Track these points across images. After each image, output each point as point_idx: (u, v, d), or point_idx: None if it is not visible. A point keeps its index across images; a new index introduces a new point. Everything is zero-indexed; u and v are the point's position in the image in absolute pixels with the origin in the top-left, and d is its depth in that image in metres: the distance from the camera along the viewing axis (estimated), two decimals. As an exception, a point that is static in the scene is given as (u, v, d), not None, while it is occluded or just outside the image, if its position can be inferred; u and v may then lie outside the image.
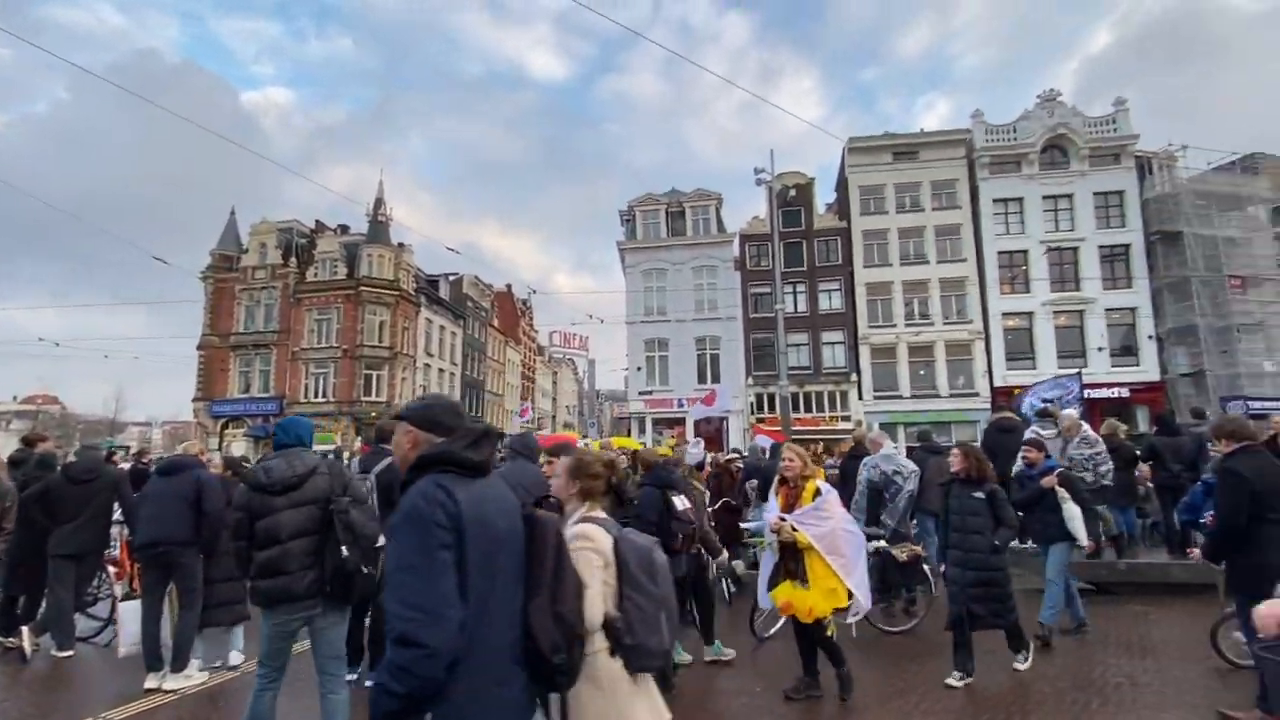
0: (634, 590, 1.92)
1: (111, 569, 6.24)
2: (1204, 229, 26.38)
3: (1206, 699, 4.19)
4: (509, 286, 59.71)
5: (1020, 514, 5.43)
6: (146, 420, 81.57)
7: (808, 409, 28.70)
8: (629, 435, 30.65)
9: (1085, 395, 15.97)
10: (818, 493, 4.18)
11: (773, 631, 5.53)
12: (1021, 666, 4.75)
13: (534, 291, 54.24)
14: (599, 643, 1.87)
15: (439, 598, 1.48)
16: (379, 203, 34.82)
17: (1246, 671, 4.15)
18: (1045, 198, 28.40)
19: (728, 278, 30.25)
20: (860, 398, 28.45)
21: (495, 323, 52.50)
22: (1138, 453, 8.34)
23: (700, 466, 6.17)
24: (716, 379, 28.49)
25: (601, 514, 2.18)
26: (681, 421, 29.25)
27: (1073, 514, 5.24)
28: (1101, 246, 27.83)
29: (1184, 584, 6.85)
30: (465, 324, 44.17)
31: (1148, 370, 26.80)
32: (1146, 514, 9.09)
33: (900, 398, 28.32)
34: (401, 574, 1.51)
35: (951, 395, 27.88)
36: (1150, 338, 27.05)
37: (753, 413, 28.84)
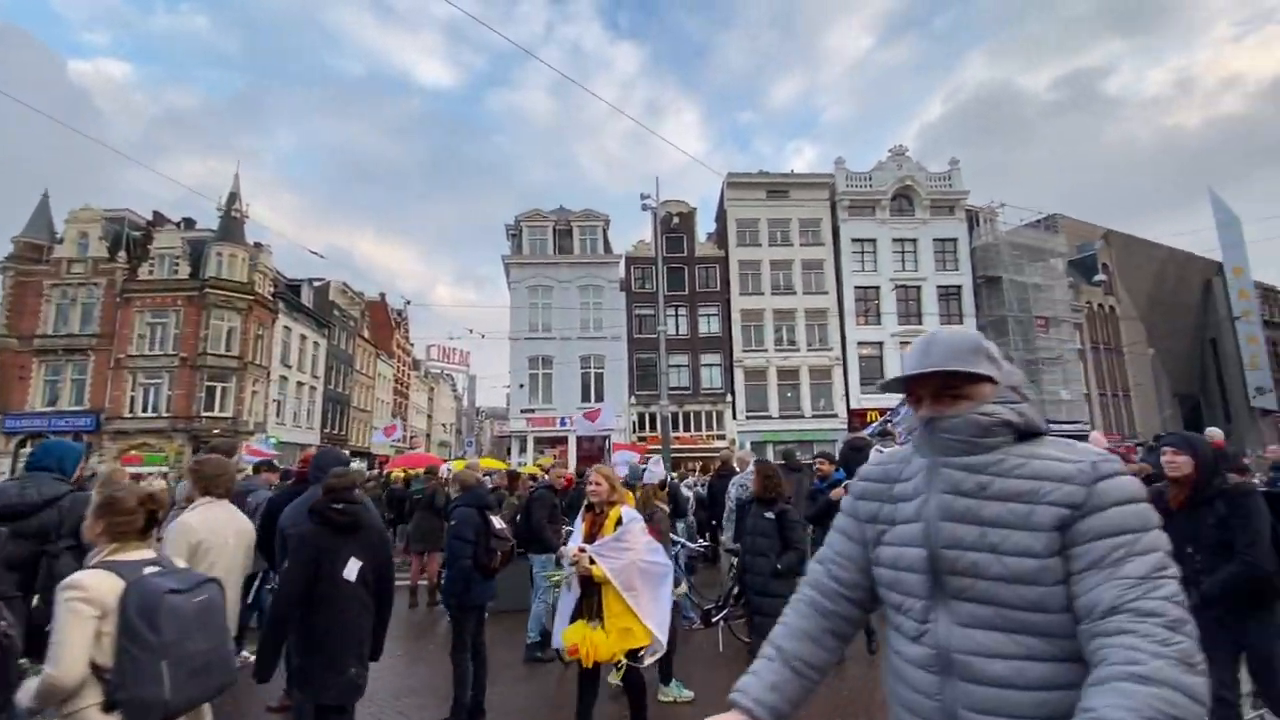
0: (129, 640, 1.87)
1: None
2: (1018, 276, 30.89)
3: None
4: (383, 296, 56.44)
5: (814, 528, 5.53)
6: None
7: (686, 428, 29.68)
8: (509, 454, 29.94)
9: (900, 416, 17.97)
10: (620, 521, 3.74)
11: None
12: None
13: (408, 302, 51.70)
14: (89, 697, 1.84)
15: None
16: (233, 197, 31.48)
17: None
18: (894, 240, 31.85)
19: (613, 298, 30.72)
20: (734, 417, 29.91)
21: (365, 334, 49.22)
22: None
23: (663, 485, 6.08)
24: (600, 398, 28.67)
25: (136, 555, 2.06)
26: (564, 440, 29.06)
27: None
28: (939, 286, 31.64)
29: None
30: (331, 334, 40.97)
31: (974, 396, 30.69)
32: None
33: (770, 418, 30.13)
34: None
35: (814, 416, 30.13)
36: (976, 368, 31.02)
37: (634, 431, 29.32)
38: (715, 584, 8.28)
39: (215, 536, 3.20)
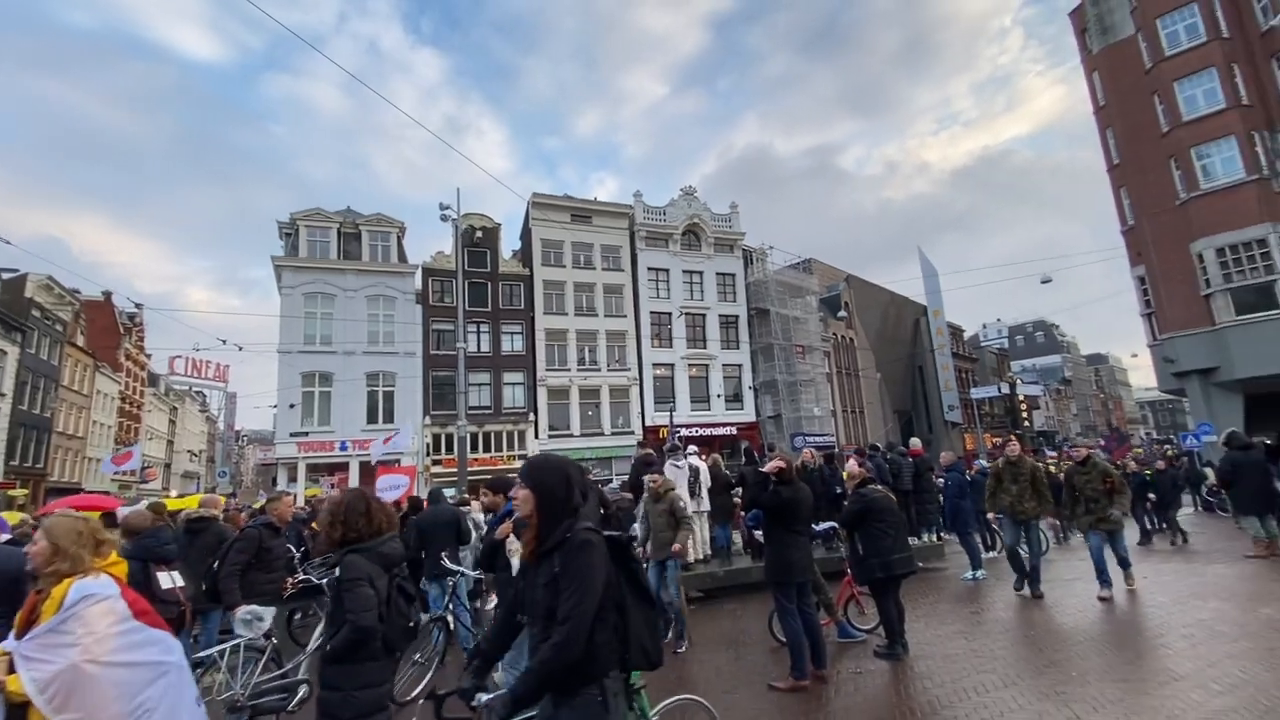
0: None
1: None
2: (782, 309, 35.63)
3: (764, 676, 5.48)
4: (107, 295, 46.09)
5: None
6: None
7: (486, 449, 28.81)
8: (274, 484, 26.22)
9: (681, 433, 19.53)
10: (64, 602, 2.30)
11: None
12: None
13: (140, 306, 42.76)
14: None
15: None
16: None
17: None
18: (684, 271, 34.76)
19: (407, 311, 28.80)
20: (537, 436, 29.81)
21: (80, 341, 39.68)
22: (732, 479, 10.60)
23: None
24: (390, 418, 26.58)
25: None
26: (345, 467, 26.31)
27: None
28: (721, 315, 35.17)
29: (760, 583, 8.90)
30: (27, 340, 32.31)
31: (748, 413, 34.51)
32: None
33: (572, 435, 30.59)
34: None
35: (613, 433, 31.31)
36: (750, 388, 34.97)
37: (429, 453, 27.66)
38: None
39: None
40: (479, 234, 30.27)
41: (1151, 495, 13.59)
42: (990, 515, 8.73)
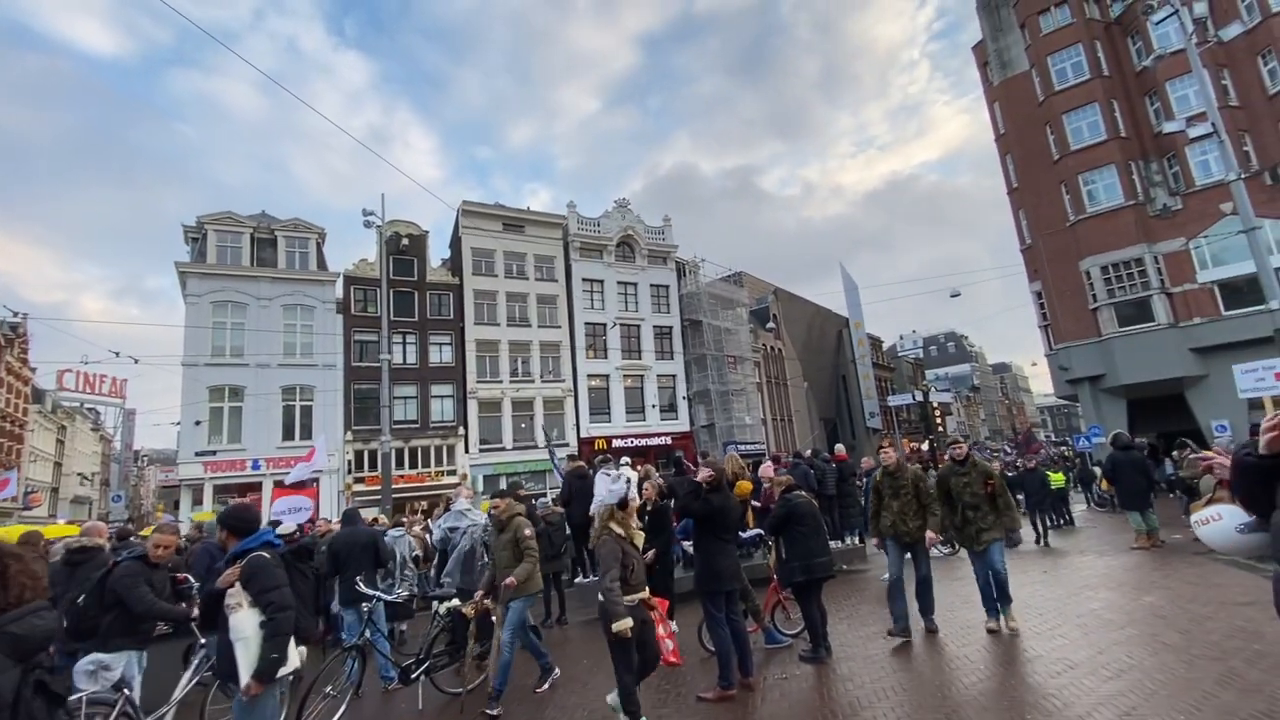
0: None
1: None
2: (714, 320, 36.34)
3: (692, 688, 5.47)
4: (-19, 303, 41.41)
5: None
6: None
7: (413, 464, 27.72)
8: (177, 507, 24.24)
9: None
10: None
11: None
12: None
13: (23, 315, 38.78)
14: None
15: None
16: None
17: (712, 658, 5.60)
18: (619, 283, 34.86)
19: (327, 321, 27.39)
20: (467, 450, 28.95)
21: (-56, 354, 35.47)
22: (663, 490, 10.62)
23: (623, 504, 4.81)
24: (308, 434, 25.11)
25: None
26: (257, 487, 24.63)
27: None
28: (655, 326, 35.47)
29: (690, 593, 8.91)
30: (-126, 353, 28.54)
31: (683, 423, 34.87)
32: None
33: (504, 449, 29.91)
34: None
35: (544, 447, 30.83)
36: (684, 398, 35.37)
37: (350, 471, 26.33)
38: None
39: None
40: (405, 241, 29.28)
41: (1019, 496, 14.21)
42: (874, 541, 6.86)
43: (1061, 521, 14.95)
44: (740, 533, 6.62)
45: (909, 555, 6.49)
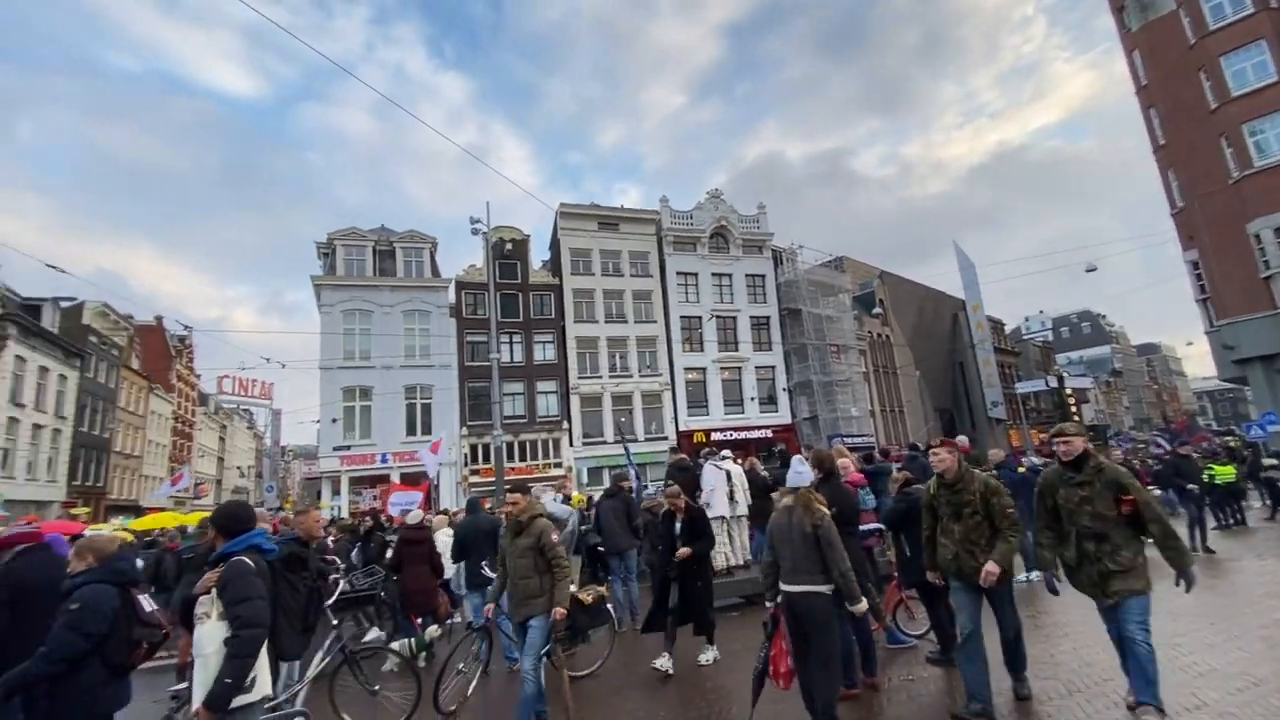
0: None
1: None
2: (814, 308, 35.11)
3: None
4: (159, 320, 48.13)
5: None
6: None
7: (522, 457, 29.06)
8: (319, 497, 26.91)
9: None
10: None
11: None
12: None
13: (189, 329, 44.49)
14: None
15: None
16: (-60, 195, 25.00)
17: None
18: (713, 274, 34.58)
19: (442, 324, 29.32)
20: (571, 444, 29.94)
21: (134, 364, 41.51)
22: (767, 481, 10.43)
23: (817, 486, 4.70)
24: (428, 430, 27.02)
25: None
26: (386, 479, 26.82)
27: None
28: (752, 317, 34.85)
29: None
30: (85, 365, 33.92)
31: (783, 415, 34.05)
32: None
33: (605, 443, 30.63)
34: None
35: (646, 439, 31.22)
36: (784, 390, 34.51)
37: (467, 463, 28.04)
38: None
39: None
40: (509, 246, 30.66)
41: (1167, 491, 12.82)
42: (931, 576, 4.82)
43: (1231, 521, 13.13)
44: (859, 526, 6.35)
45: (986, 600, 4.46)
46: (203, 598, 3.01)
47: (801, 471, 4.51)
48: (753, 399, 33.57)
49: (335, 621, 5.46)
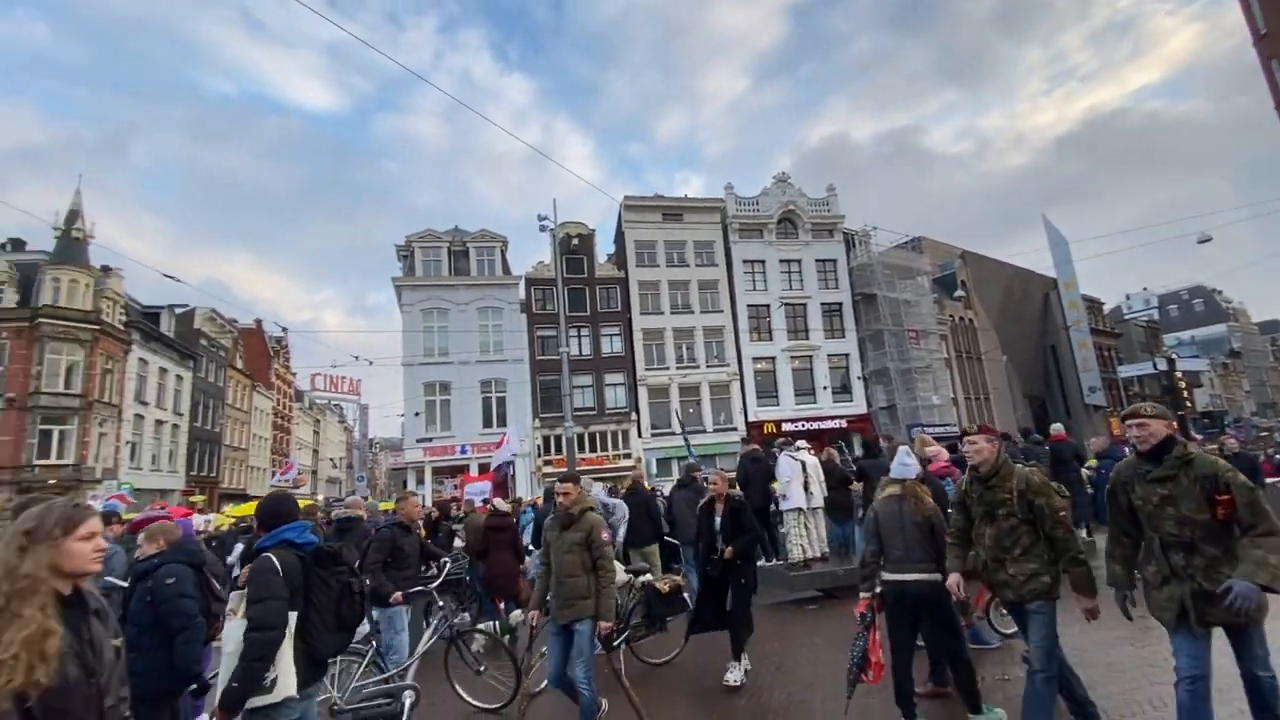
0: None
1: None
2: (890, 292, 33.67)
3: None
4: (258, 322, 52.03)
5: None
6: None
7: (592, 448, 29.54)
8: (405, 486, 28.33)
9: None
10: None
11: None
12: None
13: (286, 329, 47.86)
14: None
15: None
16: (74, 214, 27.99)
17: (922, 651, 5.21)
18: (781, 261, 33.78)
19: (514, 320, 30.18)
20: (640, 435, 30.16)
21: (239, 364, 45.09)
22: (850, 473, 10.11)
23: (922, 479, 4.51)
24: (503, 422, 27.91)
25: None
26: (465, 469, 27.95)
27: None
28: (823, 303, 33.83)
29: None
30: (197, 366, 37.17)
31: (858, 405, 32.93)
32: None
33: (674, 434, 30.62)
34: None
35: (715, 430, 31.01)
36: (858, 378, 33.36)
37: (540, 455, 28.78)
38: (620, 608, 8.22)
39: None
40: (575, 241, 31.12)
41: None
42: (951, 583, 3.86)
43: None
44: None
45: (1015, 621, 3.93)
46: (234, 593, 3.00)
47: (908, 463, 4.44)
48: (825, 388, 32.65)
49: (442, 604, 5.76)
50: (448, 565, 6.64)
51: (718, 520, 5.71)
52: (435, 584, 5.87)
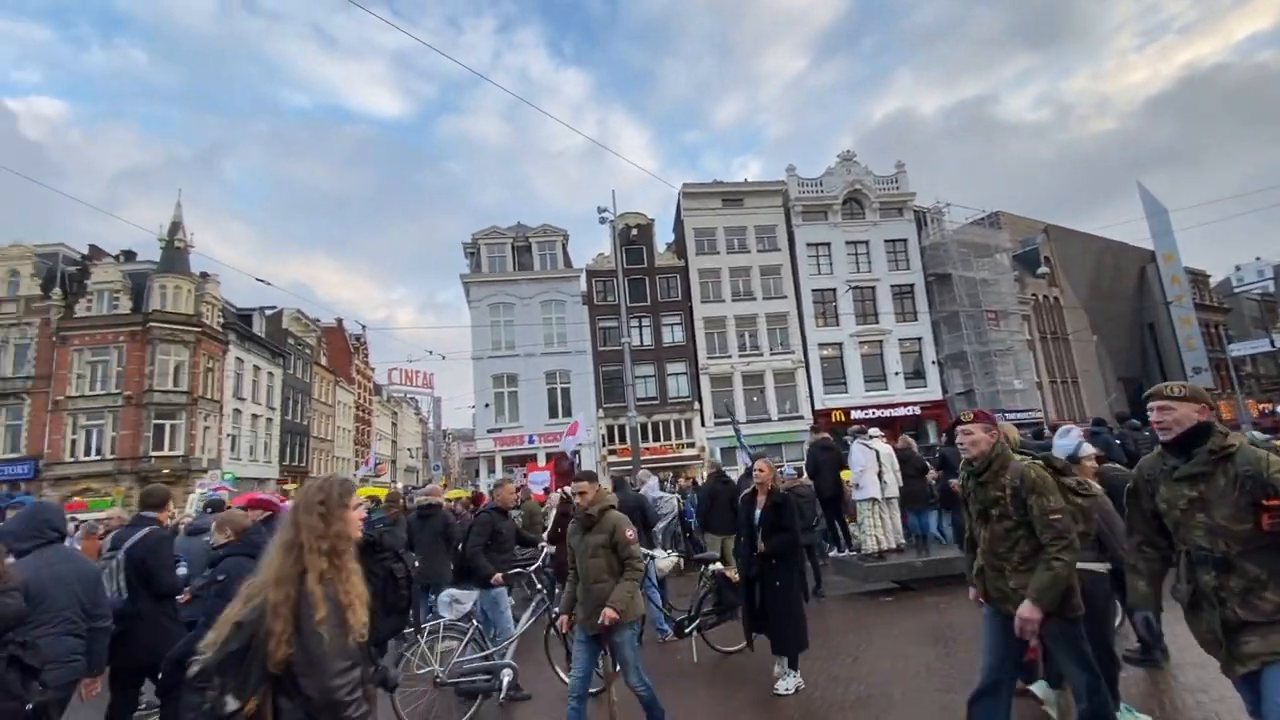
0: None
1: None
2: (966, 272, 31.96)
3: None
4: (339, 321, 55.05)
5: None
6: None
7: (655, 438, 29.67)
8: (477, 475, 29.42)
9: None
10: None
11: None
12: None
13: (365, 327, 50.44)
14: None
15: None
16: (175, 226, 30.42)
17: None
18: (848, 243, 32.64)
19: (576, 312, 30.62)
20: (703, 424, 30.04)
21: (323, 361, 47.91)
22: (928, 463, 9.72)
23: (1074, 459, 4.19)
24: (568, 413, 28.45)
25: None
26: (534, 458, 28.70)
27: None
28: (893, 285, 32.49)
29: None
30: (286, 363, 39.76)
31: (933, 390, 31.53)
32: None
33: (738, 423, 30.33)
34: None
35: (780, 418, 30.47)
36: (933, 363, 31.91)
37: (604, 444, 29.17)
38: (689, 594, 8.23)
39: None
40: (634, 231, 31.18)
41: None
42: (973, 595, 3.46)
43: None
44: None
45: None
46: None
47: (1066, 444, 4.26)
48: (897, 374, 31.43)
49: (540, 586, 5.97)
50: (545, 550, 6.88)
51: (758, 513, 5.25)
52: (533, 567, 6.09)
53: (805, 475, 9.43)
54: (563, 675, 5.36)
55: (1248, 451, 2.41)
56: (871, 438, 8.72)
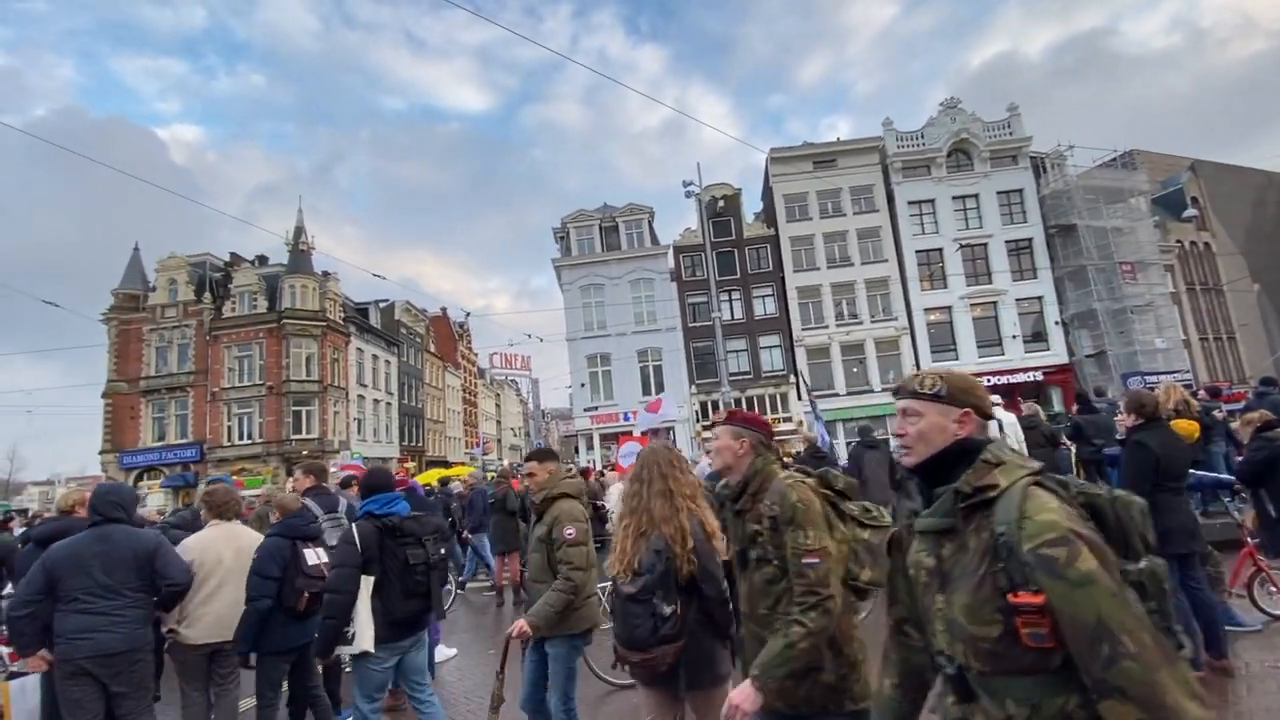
0: None
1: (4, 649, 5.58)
2: (1094, 221, 28.70)
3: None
4: (444, 310, 58.33)
5: None
6: (49, 479, 74.78)
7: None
8: (576, 453, 30.41)
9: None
10: None
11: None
12: None
13: (468, 314, 53.08)
14: None
15: None
16: (299, 231, 33.38)
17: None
18: (954, 198, 30.23)
19: (665, 289, 30.60)
20: (799, 398, 29.23)
21: (432, 348, 51.11)
22: (1056, 430, 8.91)
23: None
24: (661, 390, 28.65)
25: None
26: (628, 434, 29.23)
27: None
28: (1008, 241, 29.81)
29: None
30: (400, 351, 42.78)
31: (1057, 354, 28.80)
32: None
33: (836, 395, 29.26)
34: None
35: (884, 390, 29.04)
36: (1056, 323, 29.10)
37: (698, 420, 29.15)
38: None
39: (207, 555, 3.86)
40: (721, 203, 30.55)
41: None
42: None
43: None
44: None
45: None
46: None
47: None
48: (1015, 337, 28.95)
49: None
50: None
51: None
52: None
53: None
54: (598, 671, 4.91)
55: (1013, 498, 1.30)
56: (992, 405, 8.07)
